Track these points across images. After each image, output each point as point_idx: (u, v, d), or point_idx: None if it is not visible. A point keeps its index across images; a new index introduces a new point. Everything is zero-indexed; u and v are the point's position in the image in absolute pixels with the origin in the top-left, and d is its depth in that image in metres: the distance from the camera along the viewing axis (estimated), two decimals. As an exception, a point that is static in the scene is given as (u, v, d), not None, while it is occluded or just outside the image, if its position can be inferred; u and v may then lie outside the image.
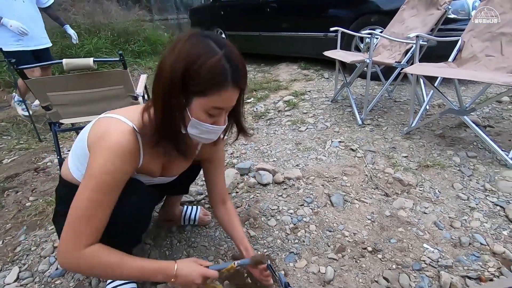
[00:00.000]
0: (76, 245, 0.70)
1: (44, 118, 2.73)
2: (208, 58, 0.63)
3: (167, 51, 0.68)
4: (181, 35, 0.68)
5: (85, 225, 0.70)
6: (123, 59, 1.47)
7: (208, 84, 0.65)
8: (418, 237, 1.17)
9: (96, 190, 0.70)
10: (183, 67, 0.63)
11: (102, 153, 0.69)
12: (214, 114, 0.71)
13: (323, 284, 1.02)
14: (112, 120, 0.75)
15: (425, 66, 1.82)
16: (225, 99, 0.69)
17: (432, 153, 1.74)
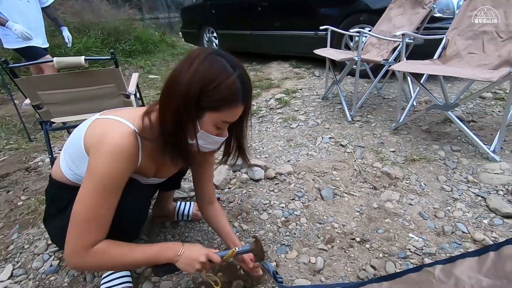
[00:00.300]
0: (83, 246, 0.72)
1: (34, 118, 2.70)
2: (224, 79, 0.69)
3: (181, 65, 0.71)
4: (197, 52, 0.72)
5: (90, 226, 0.72)
6: (114, 57, 1.48)
7: (222, 102, 0.71)
8: (404, 227, 1.22)
9: (98, 192, 0.71)
10: (201, 85, 0.68)
11: (104, 155, 0.71)
12: (221, 127, 0.77)
13: (313, 274, 1.05)
14: (113, 122, 0.77)
15: (411, 63, 1.87)
16: (234, 114, 0.75)
17: (418, 148, 1.80)
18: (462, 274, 0.39)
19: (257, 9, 4.18)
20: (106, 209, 0.73)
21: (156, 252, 0.80)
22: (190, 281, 1.04)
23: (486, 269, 0.38)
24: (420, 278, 0.46)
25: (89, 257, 0.72)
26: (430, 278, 0.44)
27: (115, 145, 0.71)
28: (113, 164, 0.70)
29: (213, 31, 5.12)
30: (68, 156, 0.85)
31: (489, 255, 0.39)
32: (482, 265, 0.39)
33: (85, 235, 0.71)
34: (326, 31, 2.64)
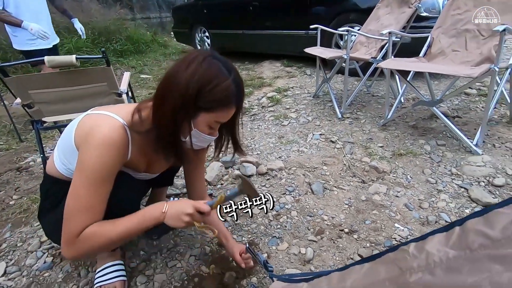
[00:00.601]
0: (74, 234, 0.74)
1: (24, 118, 2.67)
2: (221, 81, 0.72)
3: (178, 66, 0.73)
4: (195, 54, 0.74)
5: (83, 216, 0.74)
6: (106, 56, 1.49)
7: (218, 103, 0.74)
8: (390, 218, 1.27)
9: (89, 183, 0.73)
10: (199, 86, 0.71)
11: (92, 147, 0.73)
12: (214, 127, 0.80)
13: (303, 264, 1.09)
14: (102, 116, 0.79)
15: (397, 61, 1.93)
16: (227, 116, 0.79)
17: (405, 143, 1.85)
18: (432, 248, 0.43)
19: (248, 9, 4.21)
20: (98, 200, 0.75)
21: (142, 216, 0.79)
22: (183, 274, 1.06)
23: (452, 242, 0.41)
24: (397, 256, 0.49)
25: (80, 244, 0.74)
26: (405, 255, 0.47)
27: (104, 137, 0.73)
28: (102, 155, 0.72)
29: (205, 31, 5.13)
30: (61, 151, 0.86)
31: (455, 229, 0.42)
32: (449, 239, 0.42)
33: (78, 226, 0.73)
34: (316, 30, 2.68)
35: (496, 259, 0.34)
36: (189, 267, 1.09)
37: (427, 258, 0.42)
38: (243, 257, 1.01)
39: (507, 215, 0.37)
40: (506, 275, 0.31)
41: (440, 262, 0.40)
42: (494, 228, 0.37)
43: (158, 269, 1.09)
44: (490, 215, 0.39)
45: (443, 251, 0.41)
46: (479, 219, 0.40)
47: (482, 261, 0.35)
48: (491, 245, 0.36)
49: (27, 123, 2.60)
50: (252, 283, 1.02)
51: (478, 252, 0.36)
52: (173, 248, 1.18)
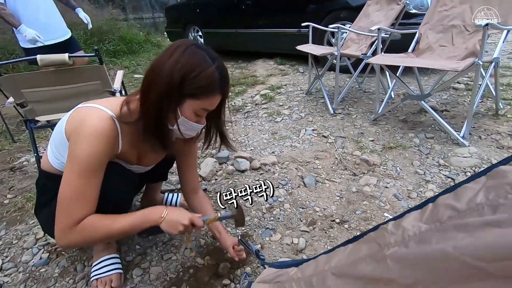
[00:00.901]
0: (70, 224, 0.76)
1: (16, 119, 2.66)
2: (204, 68, 0.74)
3: (162, 56, 0.76)
4: (178, 43, 0.76)
5: (75, 205, 0.76)
6: (98, 54, 1.50)
7: (203, 90, 0.76)
8: (380, 208, 1.31)
9: (80, 172, 0.75)
10: (182, 74, 0.73)
11: (82, 137, 0.75)
12: (200, 114, 0.82)
13: (296, 253, 1.12)
14: (91, 108, 0.81)
15: (386, 56, 1.97)
16: (212, 103, 0.80)
17: (395, 136, 1.89)
18: (407, 224, 0.46)
19: (241, 8, 4.22)
20: (89, 189, 0.77)
21: (141, 217, 0.82)
22: (178, 266, 1.09)
23: (425, 218, 0.44)
24: (377, 235, 0.52)
25: (76, 233, 0.76)
26: (384, 233, 0.50)
27: (92, 128, 0.75)
28: (91, 145, 0.74)
29: (198, 30, 5.13)
30: (53, 145, 0.88)
31: (429, 206, 0.45)
32: (423, 215, 0.45)
33: (71, 214, 0.75)
34: (308, 27, 2.72)
35: (460, 228, 0.37)
36: (184, 259, 1.11)
37: (403, 233, 0.46)
38: (236, 249, 1.03)
39: (473, 189, 0.40)
40: (467, 240, 0.34)
41: (414, 235, 0.43)
42: (460, 201, 0.40)
43: (153, 262, 1.12)
44: (459, 190, 0.42)
45: (417, 225, 0.44)
46: (449, 195, 0.43)
47: (449, 231, 0.38)
48: (457, 216, 0.39)
49: (20, 124, 2.59)
50: (246, 272, 1.04)
51: (447, 224, 0.39)
52: (168, 241, 1.20)
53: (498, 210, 0.34)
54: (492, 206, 0.35)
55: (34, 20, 2.26)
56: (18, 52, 4.01)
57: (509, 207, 0.33)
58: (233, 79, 3.60)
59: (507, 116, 1.96)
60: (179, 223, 0.82)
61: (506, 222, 0.31)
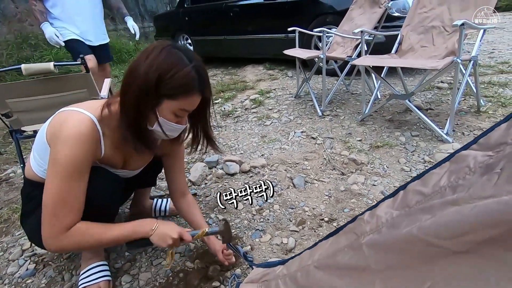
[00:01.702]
0: (58, 228, 0.75)
1: (3, 131, 2.62)
2: (181, 68, 0.74)
3: (139, 58, 0.76)
4: (154, 45, 0.77)
5: (62, 208, 0.76)
6: (84, 62, 1.50)
7: (180, 90, 0.75)
8: (367, 205, 1.32)
9: (62, 176, 0.75)
10: (158, 74, 0.73)
11: (62, 141, 0.74)
12: (180, 115, 0.82)
13: (285, 253, 1.12)
14: (70, 112, 0.81)
15: (370, 58, 2.02)
16: (191, 103, 0.80)
17: (382, 135, 1.93)
18: (381, 212, 0.48)
19: (229, 15, 4.28)
20: (74, 192, 0.76)
21: (132, 228, 0.84)
22: (168, 270, 1.08)
23: (397, 204, 0.46)
24: (355, 225, 0.54)
25: (67, 238, 0.76)
26: (360, 223, 0.52)
27: (71, 130, 0.75)
28: (72, 148, 0.74)
29: (187, 38, 5.17)
30: (36, 152, 0.87)
31: (400, 193, 0.47)
32: (394, 202, 0.47)
33: (58, 219, 0.75)
34: (294, 32, 2.77)
35: (425, 210, 0.38)
36: (174, 264, 1.11)
37: (377, 221, 0.47)
38: (225, 254, 1.04)
39: (438, 174, 0.42)
40: (429, 221, 0.35)
41: (386, 222, 0.45)
42: (427, 186, 0.42)
43: (143, 268, 1.11)
44: (426, 176, 0.44)
45: (389, 212, 0.45)
46: (417, 181, 0.45)
47: (416, 214, 0.40)
48: (424, 200, 0.40)
49: (7, 136, 2.55)
50: (235, 274, 1.04)
51: (414, 208, 0.41)
52: (157, 247, 1.19)
53: (457, 190, 0.35)
54: (452, 187, 0.37)
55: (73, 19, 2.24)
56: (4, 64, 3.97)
57: (466, 186, 0.35)
58: (222, 85, 3.63)
59: (488, 113, 2.02)
60: (169, 236, 0.84)
61: (462, 200, 0.33)
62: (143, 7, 8.89)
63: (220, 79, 4.12)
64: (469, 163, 0.37)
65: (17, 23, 4.89)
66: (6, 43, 4.39)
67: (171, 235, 0.84)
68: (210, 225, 1.29)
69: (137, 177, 1.09)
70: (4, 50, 4.23)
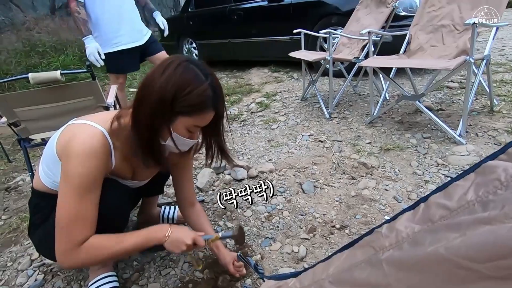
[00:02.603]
0: (73, 245, 0.75)
1: (12, 139, 2.66)
2: (197, 86, 0.73)
3: (154, 72, 0.75)
4: (171, 59, 0.76)
5: (75, 224, 0.75)
6: (91, 70, 1.50)
7: (194, 108, 0.75)
8: (380, 211, 1.29)
9: (75, 193, 0.74)
10: (174, 91, 0.72)
11: (74, 157, 0.74)
12: (193, 131, 0.82)
13: (297, 262, 1.09)
14: (81, 125, 0.80)
15: (378, 58, 1.98)
16: (205, 119, 0.80)
17: (392, 138, 1.89)
18: (400, 225, 0.45)
19: (233, 18, 4.28)
20: (87, 208, 0.76)
21: (146, 236, 0.83)
22: (177, 281, 1.06)
23: (417, 218, 0.43)
24: (372, 238, 0.51)
25: (81, 254, 0.75)
26: (378, 236, 0.49)
27: (83, 146, 0.74)
28: (83, 163, 0.73)
29: (192, 42, 5.19)
30: (45, 164, 0.87)
31: (421, 206, 0.44)
32: (415, 216, 0.44)
33: (72, 236, 0.74)
34: (300, 34, 2.74)
35: (452, 227, 0.35)
36: (183, 274, 1.09)
37: (397, 236, 0.44)
38: (236, 266, 1.02)
39: (463, 186, 0.39)
40: (458, 240, 0.32)
41: (407, 237, 0.42)
42: (451, 199, 0.39)
43: (151, 278, 1.09)
44: (449, 188, 0.41)
45: (410, 226, 0.43)
46: (440, 193, 0.42)
47: (441, 231, 0.37)
48: (449, 215, 0.38)
49: (16, 144, 2.58)
50: (246, 284, 1.02)
51: (438, 223, 0.38)
52: (166, 256, 1.18)
53: (488, 206, 0.33)
54: (482, 203, 0.34)
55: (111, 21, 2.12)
56: (13, 72, 4.04)
57: (499, 203, 0.32)
58: (228, 88, 3.62)
59: (502, 112, 1.96)
60: (183, 242, 0.83)
61: (496, 219, 0.30)
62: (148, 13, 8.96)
63: (225, 82, 4.11)
64: (500, 176, 0.34)
65: (26, 31, 4.99)
66: (14, 51, 4.46)
67: (185, 241, 0.83)
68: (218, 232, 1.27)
69: (145, 186, 1.08)
70: (13, 58, 4.30)
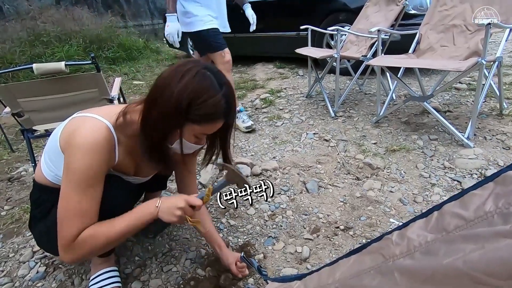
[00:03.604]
0: (70, 239, 0.73)
1: (15, 129, 2.66)
2: (211, 96, 0.73)
3: (170, 75, 0.73)
4: (189, 65, 0.74)
5: (77, 220, 0.73)
6: (95, 62, 1.49)
7: (206, 117, 0.75)
8: (385, 213, 1.27)
9: (77, 186, 0.73)
10: (190, 98, 0.71)
11: (77, 150, 0.72)
12: (200, 137, 0.81)
13: (300, 262, 1.08)
14: (86, 118, 0.79)
15: (387, 57, 1.95)
16: (213, 129, 0.79)
17: (398, 139, 1.86)
18: (412, 234, 0.43)
19: (239, 12, 4.22)
20: (89, 202, 0.74)
21: (136, 214, 0.80)
22: (179, 278, 1.05)
23: (431, 227, 0.41)
24: (381, 245, 0.49)
25: (78, 247, 0.74)
26: (388, 243, 0.47)
27: (86, 139, 0.72)
28: (86, 157, 0.72)
29: (197, 36, 5.14)
30: (47, 157, 0.85)
31: (434, 214, 0.43)
32: (428, 224, 0.42)
33: (72, 230, 0.73)
34: (306, 30, 2.71)
35: (469, 239, 0.34)
36: (185, 271, 1.08)
37: (408, 244, 0.43)
38: (238, 266, 1.01)
39: (480, 196, 0.37)
40: (477, 253, 0.31)
41: (419, 246, 0.40)
42: (468, 209, 0.37)
43: (153, 274, 1.09)
44: (465, 197, 0.39)
45: (423, 235, 0.41)
46: (455, 202, 0.40)
47: (457, 242, 0.35)
48: (465, 225, 0.36)
49: (19, 133, 2.58)
50: (249, 284, 1.01)
51: (454, 233, 0.37)
52: (168, 252, 1.17)
53: (509, 219, 0.31)
54: (502, 214, 0.32)
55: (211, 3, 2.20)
56: (17, 61, 4.03)
57: (523, 217, 0.30)
58: (232, 84, 3.59)
59: (511, 116, 1.92)
60: (176, 207, 0.79)
61: (522, 235, 0.28)
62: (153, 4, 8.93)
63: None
64: (523, 188, 0.33)
65: (30, 20, 4.96)
66: (19, 40, 4.44)
67: (178, 205, 0.79)
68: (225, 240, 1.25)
69: (147, 181, 1.07)
70: (17, 47, 4.28)
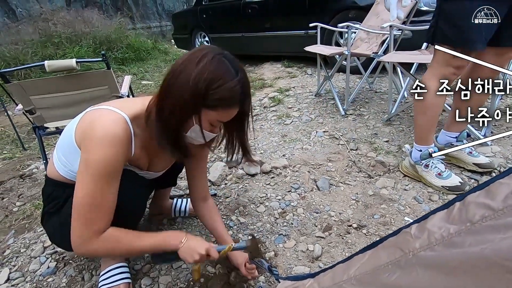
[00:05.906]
0: (91, 233, 0.73)
1: (27, 127, 2.71)
2: (227, 81, 0.71)
3: (186, 61, 0.72)
4: (206, 50, 0.73)
5: (94, 212, 0.73)
6: (106, 59, 1.50)
7: (221, 102, 0.73)
8: (399, 211, 1.24)
9: (95, 180, 0.72)
10: (207, 82, 0.70)
11: (95, 142, 0.71)
12: (215, 125, 0.80)
13: (312, 261, 1.06)
14: (103, 111, 0.78)
15: (399, 54, 1.90)
16: (229, 115, 0.78)
17: (411, 136, 1.82)
18: (433, 226, 0.41)
19: (247, 12, 4.23)
20: (106, 196, 0.74)
21: (162, 239, 0.82)
22: (189, 275, 1.04)
23: (452, 218, 0.39)
24: (399, 240, 0.47)
25: (98, 243, 0.74)
26: (407, 237, 0.45)
27: (106, 131, 0.72)
28: (105, 150, 0.71)
29: (205, 35, 5.17)
30: (61, 152, 0.85)
31: (456, 205, 0.40)
32: (449, 215, 0.40)
33: (90, 223, 0.73)
34: (315, 28, 2.68)
35: (498, 229, 0.31)
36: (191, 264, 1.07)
37: (429, 237, 0.40)
38: (248, 268, 0.98)
39: (508, 185, 0.34)
40: (507, 241, 0.29)
41: (441, 238, 0.38)
42: (495, 199, 0.35)
43: (163, 270, 1.07)
44: (492, 186, 0.37)
45: (444, 227, 0.39)
46: (480, 192, 0.38)
47: (483, 233, 0.33)
48: (493, 215, 0.34)
49: (31, 132, 2.63)
50: (260, 282, 0.99)
51: (480, 224, 0.34)
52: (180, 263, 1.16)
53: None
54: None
55: None
56: (29, 62, 4.12)
57: None
58: (240, 83, 3.58)
59: (530, 113, 1.85)
60: (196, 252, 0.81)
61: None
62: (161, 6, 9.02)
63: (237, 77, 4.07)
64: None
65: (42, 22, 5.07)
66: (31, 42, 4.54)
67: (198, 251, 0.81)
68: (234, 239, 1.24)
69: (158, 177, 1.06)
70: (30, 49, 4.38)
